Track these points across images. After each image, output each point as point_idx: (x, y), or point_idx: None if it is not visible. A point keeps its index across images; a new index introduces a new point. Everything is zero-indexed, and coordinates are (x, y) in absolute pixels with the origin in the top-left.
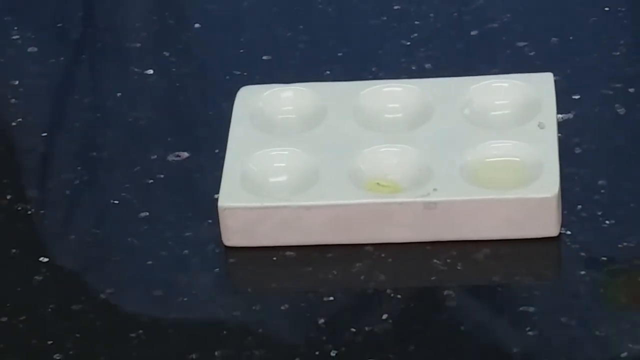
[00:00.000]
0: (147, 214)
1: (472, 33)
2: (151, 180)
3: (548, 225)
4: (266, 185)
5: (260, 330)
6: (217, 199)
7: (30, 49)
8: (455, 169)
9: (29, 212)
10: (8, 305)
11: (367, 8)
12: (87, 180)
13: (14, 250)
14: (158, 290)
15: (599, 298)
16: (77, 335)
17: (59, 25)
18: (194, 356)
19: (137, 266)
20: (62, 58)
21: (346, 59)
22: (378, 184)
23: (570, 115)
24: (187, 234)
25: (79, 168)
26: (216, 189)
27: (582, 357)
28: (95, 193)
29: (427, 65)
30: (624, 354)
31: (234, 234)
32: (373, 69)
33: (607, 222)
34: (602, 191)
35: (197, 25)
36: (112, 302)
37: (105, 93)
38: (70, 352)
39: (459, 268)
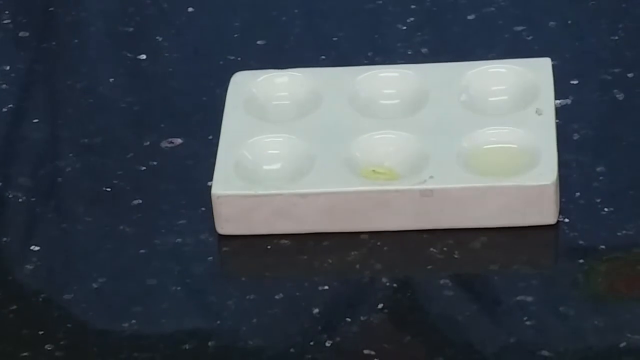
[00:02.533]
0: (140, 201)
1: (469, 17)
2: (144, 167)
3: (546, 213)
4: (260, 172)
5: (254, 320)
6: (210, 187)
7: (21, 34)
8: (452, 156)
9: (20, 200)
10: None
11: None
12: (79, 167)
13: (4, 239)
14: (151, 279)
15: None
16: (69, 325)
17: (50, 9)
18: (187, 346)
19: (129, 255)
20: (54, 43)
21: (342, 43)
22: (374, 171)
23: (569, 101)
24: (181, 222)
25: (70, 155)
26: (210, 176)
27: (580, 347)
28: (87, 180)
29: (424, 50)
30: (623, 344)
31: (227, 222)
32: (369, 54)
33: (605, 209)
34: (601, 178)
35: (190, 9)
36: (104, 292)
37: (97, 78)
38: (62, 342)
39: (455, 256)
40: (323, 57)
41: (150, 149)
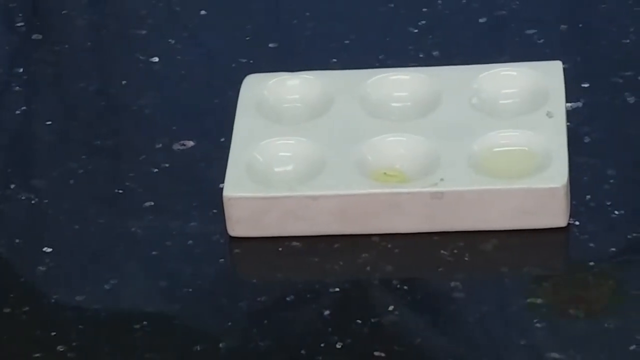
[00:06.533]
0: (152, 203)
1: (481, 20)
2: (156, 170)
3: (557, 215)
4: (272, 174)
5: (265, 321)
6: (222, 189)
7: (34, 36)
8: (462, 158)
9: (33, 202)
10: (11, 295)
11: None
12: (91, 169)
13: (17, 240)
14: (162, 281)
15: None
16: (81, 326)
17: (63, 12)
18: (198, 348)
19: (141, 257)
20: (66, 45)
21: (353, 46)
22: (385, 173)
23: (580, 104)
24: (192, 224)
25: (83, 157)
26: (221, 178)
27: (590, 349)
28: (99, 182)
29: (435, 53)
30: (633, 347)
31: (239, 224)
32: (380, 57)
33: (616, 212)
34: (612, 181)
35: (203, 12)
36: (116, 293)
37: (110, 81)
38: (74, 344)
39: (466, 259)
40: (334, 60)
41: (162, 151)
